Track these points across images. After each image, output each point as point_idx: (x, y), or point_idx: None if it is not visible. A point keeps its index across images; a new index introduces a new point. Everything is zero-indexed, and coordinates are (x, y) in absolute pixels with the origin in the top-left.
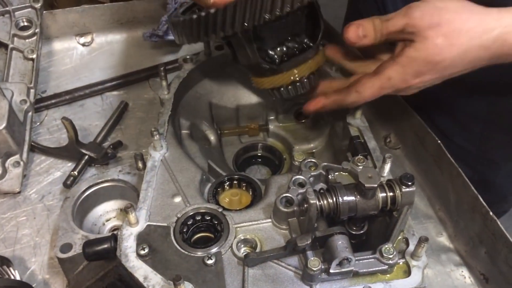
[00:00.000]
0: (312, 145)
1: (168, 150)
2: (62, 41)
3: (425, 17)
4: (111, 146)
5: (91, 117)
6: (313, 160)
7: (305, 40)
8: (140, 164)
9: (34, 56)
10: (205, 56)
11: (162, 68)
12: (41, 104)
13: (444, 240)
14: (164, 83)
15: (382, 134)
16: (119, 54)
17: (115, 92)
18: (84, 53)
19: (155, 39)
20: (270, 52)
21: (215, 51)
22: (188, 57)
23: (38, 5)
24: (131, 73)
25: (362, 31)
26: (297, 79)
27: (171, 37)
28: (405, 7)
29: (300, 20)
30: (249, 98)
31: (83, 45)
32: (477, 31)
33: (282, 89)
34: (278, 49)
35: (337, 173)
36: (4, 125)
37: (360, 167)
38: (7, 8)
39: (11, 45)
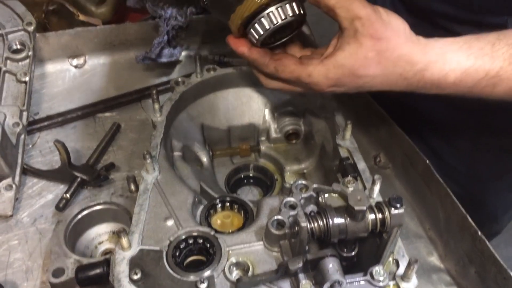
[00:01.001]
0: (303, 165)
1: (160, 173)
2: (54, 63)
3: (374, 25)
4: (104, 168)
5: (83, 139)
6: (303, 182)
7: None
8: (132, 187)
9: (27, 79)
10: (196, 78)
11: (154, 91)
12: (34, 126)
13: (434, 259)
14: (156, 106)
15: (372, 154)
16: (111, 75)
17: (107, 114)
18: (77, 75)
19: (148, 61)
20: None
21: (206, 73)
22: (179, 79)
23: (31, 28)
24: (123, 94)
25: None
26: (263, 3)
27: (163, 59)
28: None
29: None
30: (240, 119)
31: (76, 67)
32: (403, 59)
33: (256, 24)
34: None
35: (327, 195)
36: None
37: (350, 189)
38: (0, 32)
39: (4, 68)
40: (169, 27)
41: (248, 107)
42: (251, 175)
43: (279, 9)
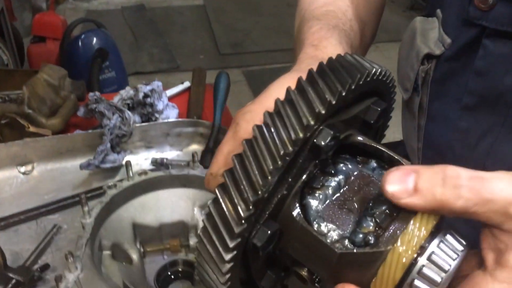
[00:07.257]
0: None
1: (82, 272)
2: (3, 170)
3: None
4: (39, 269)
5: (24, 242)
6: None
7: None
8: (60, 286)
9: None
10: (128, 181)
11: (83, 196)
12: None
13: None
14: (85, 208)
15: None
16: (58, 181)
17: (50, 216)
18: (24, 181)
19: (92, 168)
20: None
21: (137, 176)
22: (112, 183)
23: None
24: (66, 197)
25: (413, 182)
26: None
27: (107, 165)
28: None
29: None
30: (170, 217)
31: (24, 173)
32: None
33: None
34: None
35: None
36: None
37: None
38: None
39: None
40: (113, 136)
41: (178, 206)
42: (180, 269)
43: (442, 245)
